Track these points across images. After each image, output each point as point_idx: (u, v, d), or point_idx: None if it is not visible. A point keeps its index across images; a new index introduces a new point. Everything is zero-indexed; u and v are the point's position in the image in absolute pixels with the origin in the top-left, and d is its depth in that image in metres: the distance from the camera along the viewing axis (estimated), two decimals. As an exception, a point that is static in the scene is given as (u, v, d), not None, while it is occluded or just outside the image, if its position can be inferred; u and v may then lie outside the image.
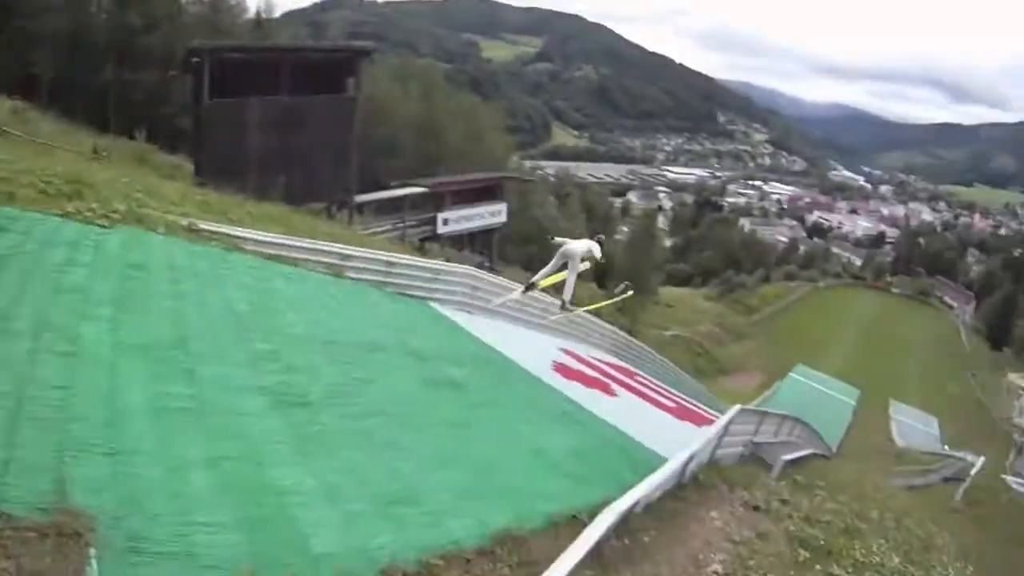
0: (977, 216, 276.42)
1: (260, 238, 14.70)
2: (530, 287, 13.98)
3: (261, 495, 6.35)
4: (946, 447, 69.01)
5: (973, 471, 52.55)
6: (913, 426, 78.41)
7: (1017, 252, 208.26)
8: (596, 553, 7.54)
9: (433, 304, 17.93)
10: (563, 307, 13.78)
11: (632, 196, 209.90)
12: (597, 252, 12.70)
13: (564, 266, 12.87)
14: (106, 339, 8.09)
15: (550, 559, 6.35)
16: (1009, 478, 59.57)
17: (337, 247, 16.26)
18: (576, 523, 7.77)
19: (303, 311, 12.03)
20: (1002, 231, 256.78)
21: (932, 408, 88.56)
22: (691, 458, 10.55)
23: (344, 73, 33.10)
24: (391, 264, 17.29)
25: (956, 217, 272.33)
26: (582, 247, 13.12)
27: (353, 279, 16.00)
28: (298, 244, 15.38)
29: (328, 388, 9.18)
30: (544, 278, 13.33)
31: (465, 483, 8.20)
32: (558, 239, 13.16)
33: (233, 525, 5.77)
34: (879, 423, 74.82)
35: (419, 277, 18.04)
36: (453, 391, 11.35)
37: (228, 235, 14.34)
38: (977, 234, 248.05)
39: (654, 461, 9.67)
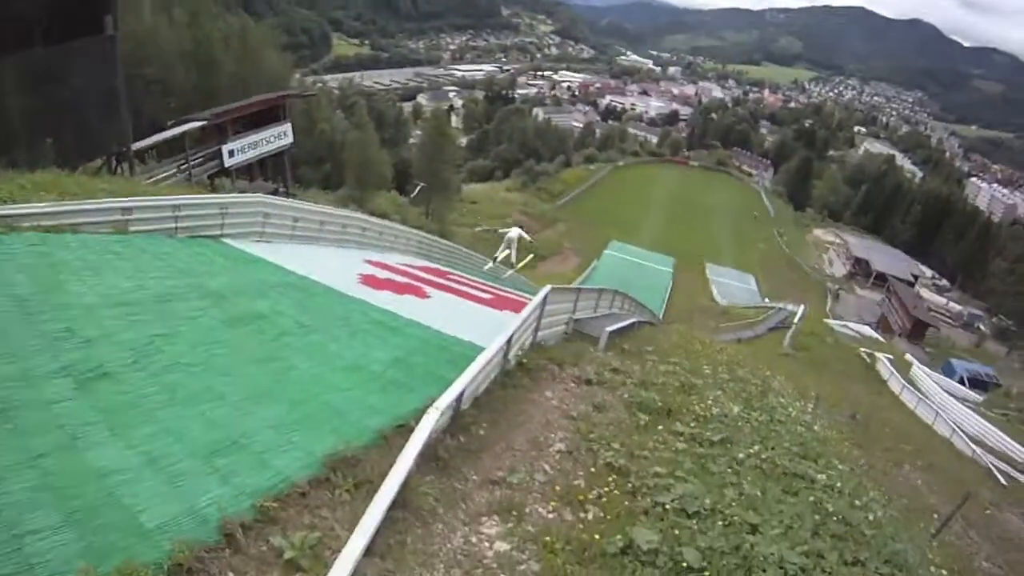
0: (767, 92, 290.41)
1: (33, 211, 13.26)
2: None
3: (84, 483, 5.74)
4: (767, 300, 72.54)
5: (796, 319, 55.58)
6: (732, 284, 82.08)
7: (807, 123, 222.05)
8: (432, 456, 7.49)
9: (227, 240, 16.87)
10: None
11: (421, 99, 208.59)
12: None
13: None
14: None
15: (386, 473, 6.08)
16: (831, 322, 63.50)
17: (116, 202, 14.84)
18: (405, 431, 7.31)
19: (91, 278, 10.89)
20: (792, 104, 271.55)
21: (746, 267, 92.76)
22: (509, 342, 10.11)
23: (99, 10, 30.17)
24: (176, 207, 16.03)
25: (746, 93, 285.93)
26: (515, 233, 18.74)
27: (139, 232, 14.77)
28: (75, 208, 13.88)
29: (128, 353, 8.38)
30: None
31: (284, 416, 7.62)
32: (502, 230, 14.38)
33: (62, 524, 5.28)
34: (699, 286, 77.88)
35: (208, 215, 16.81)
36: (258, 325, 10.58)
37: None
38: (768, 108, 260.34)
39: (475, 354, 9.21)
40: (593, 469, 8.24)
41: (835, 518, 8.49)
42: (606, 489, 7.74)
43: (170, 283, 11.57)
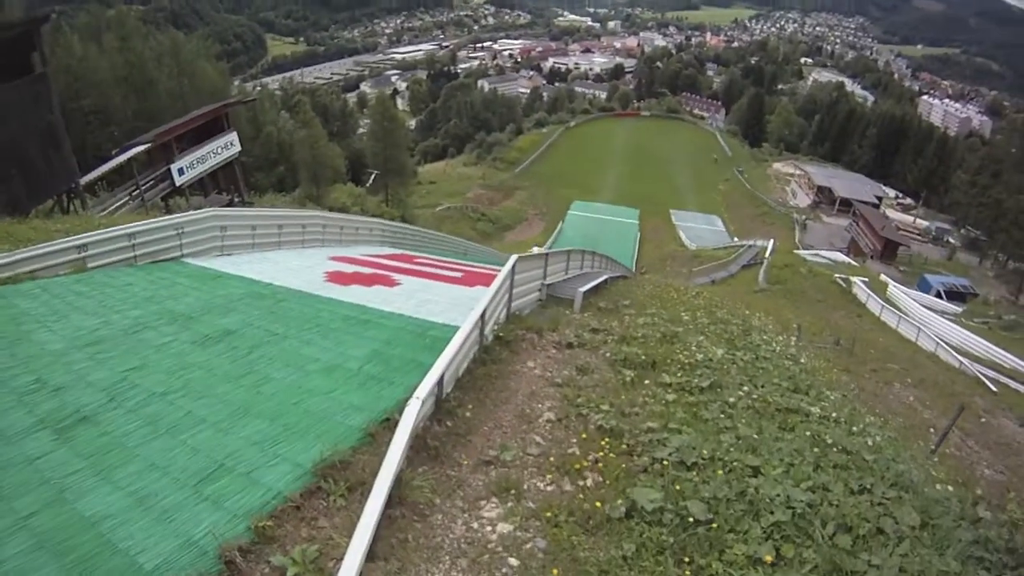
0: (709, 34, 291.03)
1: None
2: None
3: (78, 535, 5.60)
4: (735, 239, 72.82)
5: (767, 254, 55.77)
6: (699, 228, 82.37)
7: (753, 60, 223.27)
8: (422, 446, 7.35)
9: (188, 260, 16.73)
10: None
11: (364, 87, 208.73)
12: None
13: None
14: None
15: (377, 472, 5.90)
16: (802, 252, 63.80)
17: (70, 241, 14.59)
18: (391, 425, 7.12)
19: (56, 323, 10.74)
20: (735, 44, 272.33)
21: (711, 209, 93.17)
22: (483, 317, 9.99)
23: (26, 49, 29.52)
24: (132, 236, 15.79)
25: (688, 39, 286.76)
26: None
27: (99, 267, 14.66)
28: (30, 255, 13.65)
29: (103, 393, 8.23)
30: None
31: (267, 431, 7.44)
32: None
33: (61, 580, 5.08)
34: (667, 234, 78.09)
35: (165, 238, 16.61)
36: (229, 341, 10.38)
37: (-49, 276, 12.75)
38: (712, 50, 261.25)
39: (452, 335, 9.08)
40: (585, 434, 8.11)
41: (835, 448, 8.44)
42: (601, 453, 7.62)
43: (136, 313, 11.44)
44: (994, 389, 27.79)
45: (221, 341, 10.35)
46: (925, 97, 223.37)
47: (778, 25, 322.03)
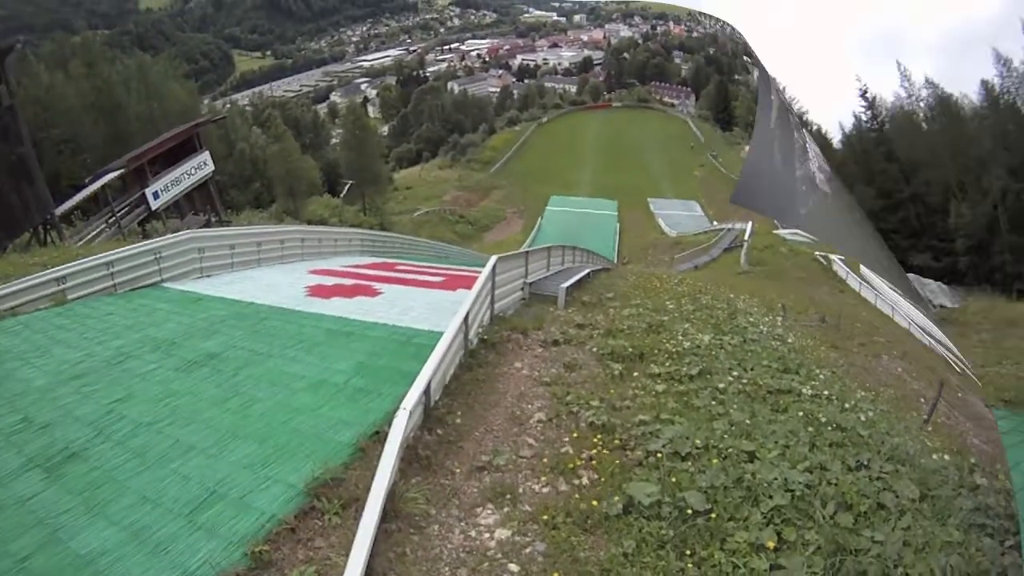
0: (672, 23, 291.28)
1: None
2: None
3: (74, 574, 5.54)
4: (715, 223, 72.91)
5: (747, 236, 55.84)
6: (678, 214, 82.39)
7: (711, 51, 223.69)
8: (413, 456, 7.26)
9: (167, 284, 16.63)
10: None
11: (335, 97, 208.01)
12: None
13: None
14: None
15: (370, 486, 5.83)
16: (781, 232, 63.81)
17: (48, 274, 14.47)
18: (381, 438, 7.02)
19: (39, 359, 10.65)
20: (695, 34, 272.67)
21: (688, 195, 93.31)
22: (466, 321, 9.95)
23: (-9, 81, 29.31)
24: (110, 264, 15.67)
25: (654, 28, 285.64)
26: None
27: (79, 298, 14.54)
28: (9, 291, 13.55)
29: (90, 427, 8.17)
30: None
31: (257, 453, 7.36)
32: None
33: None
34: (646, 222, 78.14)
35: (143, 264, 16.50)
36: (213, 365, 10.29)
37: (-72, 315, 12.64)
38: (676, 38, 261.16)
39: (435, 341, 9.02)
40: (577, 432, 8.05)
41: (829, 426, 8.46)
42: (595, 450, 7.56)
43: (118, 343, 11.36)
44: (958, 370, 27.99)
45: (205, 365, 10.29)
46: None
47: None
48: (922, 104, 72.08)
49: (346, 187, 75.14)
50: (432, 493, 6.73)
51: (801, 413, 8.87)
